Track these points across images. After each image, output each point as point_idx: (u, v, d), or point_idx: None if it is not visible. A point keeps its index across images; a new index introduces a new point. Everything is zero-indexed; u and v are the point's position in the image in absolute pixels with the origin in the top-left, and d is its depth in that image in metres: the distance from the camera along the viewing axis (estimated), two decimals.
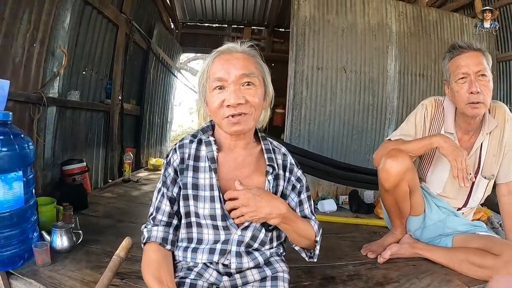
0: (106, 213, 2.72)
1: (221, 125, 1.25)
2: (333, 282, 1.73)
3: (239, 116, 1.21)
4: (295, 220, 1.28)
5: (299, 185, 1.38)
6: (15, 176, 1.60)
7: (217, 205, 1.25)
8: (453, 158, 1.69)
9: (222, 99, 1.20)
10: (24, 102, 2.51)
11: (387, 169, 1.81)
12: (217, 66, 1.23)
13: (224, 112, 1.20)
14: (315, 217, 1.39)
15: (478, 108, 1.76)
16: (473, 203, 2.01)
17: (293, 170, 1.39)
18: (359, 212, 3.26)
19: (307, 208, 1.38)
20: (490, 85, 1.78)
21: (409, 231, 2.10)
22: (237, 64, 1.22)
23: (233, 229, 1.27)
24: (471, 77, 1.76)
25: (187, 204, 1.29)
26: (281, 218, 1.23)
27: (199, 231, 1.29)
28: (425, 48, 3.98)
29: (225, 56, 1.25)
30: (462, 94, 1.79)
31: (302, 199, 1.38)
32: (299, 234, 1.31)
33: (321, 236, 1.35)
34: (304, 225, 1.32)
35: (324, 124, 3.73)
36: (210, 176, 1.27)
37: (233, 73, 1.21)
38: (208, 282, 1.29)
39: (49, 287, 1.49)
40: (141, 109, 5.29)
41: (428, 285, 1.68)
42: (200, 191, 1.28)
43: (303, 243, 1.35)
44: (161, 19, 6.10)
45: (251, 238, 1.29)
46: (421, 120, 2.00)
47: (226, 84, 1.21)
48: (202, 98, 1.29)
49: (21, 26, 2.47)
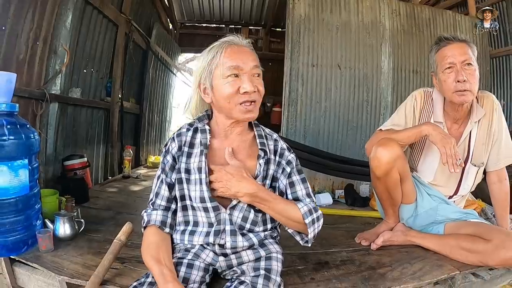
0: (106, 206, 2.77)
1: (232, 111, 1.30)
2: (327, 266, 1.76)
3: (251, 104, 1.29)
4: (269, 200, 1.31)
5: (289, 168, 1.41)
6: (21, 164, 1.66)
7: (204, 187, 1.32)
8: (441, 145, 1.74)
9: (237, 86, 1.27)
10: (27, 98, 2.57)
11: (378, 157, 1.85)
12: (231, 55, 1.29)
13: (239, 98, 1.28)
14: (312, 199, 1.41)
15: (465, 96, 1.81)
16: (463, 190, 2.05)
17: (284, 154, 1.43)
18: (355, 205, 3.29)
19: (300, 190, 1.40)
20: (476, 74, 1.83)
21: (402, 220, 2.14)
22: (250, 56, 1.32)
23: (222, 208, 1.34)
24: (457, 66, 1.82)
25: (181, 188, 1.36)
26: (250, 197, 1.28)
27: (194, 213, 1.36)
28: (419, 45, 4.05)
29: (237, 47, 1.32)
30: (449, 83, 1.84)
31: (293, 181, 1.41)
32: (281, 215, 1.34)
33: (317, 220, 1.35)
34: (284, 206, 1.33)
35: (320, 120, 3.80)
36: (199, 159, 1.34)
37: (248, 64, 1.29)
38: (205, 262, 1.37)
39: (52, 271, 1.54)
40: (141, 107, 5.34)
41: (419, 269, 1.71)
42: (191, 174, 1.35)
43: (292, 225, 1.37)
44: (160, 19, 6.15)
45: (242, 219, 1.36)
46: (410, 111, 2.04)
47: (241, 73, 1.28)
48: (207, 84, 1.33)
49: (25, 24, 2.53)
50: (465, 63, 1.81)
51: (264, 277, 1.25)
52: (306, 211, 1.32)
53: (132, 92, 5.10)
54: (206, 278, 1.35)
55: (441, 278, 1.67)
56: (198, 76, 1.35)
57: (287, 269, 1.67)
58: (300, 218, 1.32)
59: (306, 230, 1.34)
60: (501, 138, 1.98)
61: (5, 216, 1.62)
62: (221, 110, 1.35)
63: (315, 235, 1.37)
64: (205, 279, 1.34)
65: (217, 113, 1.39)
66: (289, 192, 1.40)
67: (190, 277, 1.29)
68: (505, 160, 1.99)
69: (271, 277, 1.27)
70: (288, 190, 1.40)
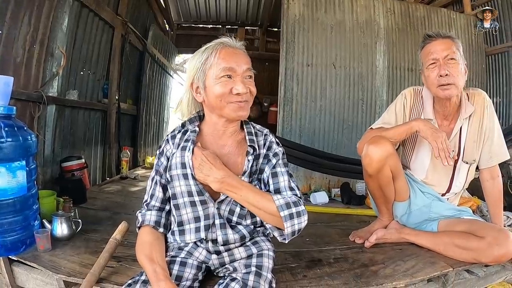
0: (104, 207, 2.79)
1: (224, 110, 1.33)
2: (320, 264, 1.78)
3: (243, 103, 1.33)
4: (239, 188, 1.28)
5: (275, 160, 1.41)
6: (18, 165, 1.69)
7: (191, 181, 1.34)
8: (433, 139, 1.77)
9: (230, 87, 1.30)
10: (25, 101, 2.59)
11: (369, 155, 1.87)
12: (225, 56, 1.32)
13: (231, 98, 1.31)
14: (296, 193, 1.35)
15: (448, 90, 1.84)
16: (456, 188, 2.06)
17: (272, 147, 1.44)
18: (351, 203, 3.29)
19: (283, 181, 1.36)
20: (460, 68, 1.85)
21: (396, 217, 2.16)
22: (244, 59, 1.35)
23: (210, 202, 1.36)
24: (440, 61, 1.85)
25: (171, 186, 1.38)
26: (218, 183, 1.28)
27: (178, 213, 1.38)
28: (413, 43, 4.06)
29: (231, 49, 1.35)
30: (432, 78, 1.88)
31: (277, 172, 1.38)
32: (254, 206, 1.29)
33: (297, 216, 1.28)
34: (256, 196, 1.29)
35: (315, 119, 3.82)
36: (181, 154, 1.36)
37: (241, 66, 1.33)
38: (198, 260, 1.40)
39: (49, 269, 1.56)
40: (138, 108, 5.36)
41: (412, 267, 1.72)
42: (172, 170, 1.36)
43: (269, 219, 1.31)
44: (156, 21, 6.16)
45: (229, 212, 1.39)
46: (401, 109, 2.07)
47: (234, 75, 1.32)
48: (199, 84, 1.35)
49: (22, 28, 2.56)
50: (447, 58, 1.84)
51: (255, 274, 1.26)
52: (282, 204, 1.27)
53: (129, 93, 5.12)
54: (199, 276, 1.38)
55: (434, 275, 1.68)
56: (191, 76, 1.37)
57: (280, 267, 1.70)
58: (275, 210, 1.26)
59: (280, 223, 1.27)
60: (492, 136, 1.99)
61: (3, 217, 1.65)
62: (213, 110, 1.37)
63: (295, 232, 1.29)
64: (198, 276, 1.37)
65: (209, 113, 1.41)
66: (271, 183, 1.37)
67: (183, 275, 1.32)
68: (497, 158, 2.01)
69: (262, 274, 1.28)
70: (270, 181, 1.38)
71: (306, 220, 1.31)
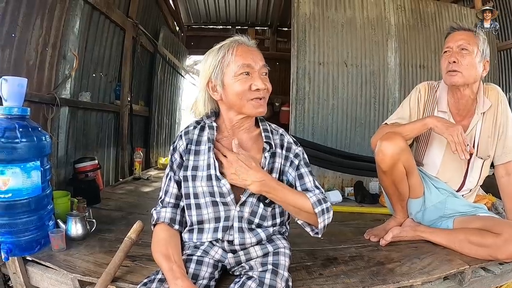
0: (117, 207, 2.80)
1: (244, 107, 1.34)
2: (336, 262, 1.77)
3: (262, 100, 1.35)
4: (278, 189, 1.31)
5: (297, 160, 1.44)
6: (33, 166, 1.70)
7: (214, 182, 1.34)
8: (448, 134, 1.75)
9: (249, 84, 1.32)
10: (38, 103, 2.62)
11: (383, 151, 1.86)
12: (242, 54, 1.34)
13: (250, 95, 1.32)
14: (321, 190, 1.40)
15: (454, 76, 1.85)
16: (469, 184, 2.03)
17: (291, 148, 1.46)
18: (364, 202, 3.27)
19: (309, 181, 1.41)
20: (471, 59, 1.84)
21: (410, 215, 2.14)
22: (259, 55, 1.38)
23: (232, 205, 1.36)
24: (453, 49, 1.87)
25: (186, 186, 1.39)
26: (258, 186, 1.28)
27: (198, 213, 1.37)
28: (425, 40, 4.02)
29: (246, 47, 1.37)
30: (444, 64, 1.91)
31: (302, 173, 1.42)
32: (291, 205, 1.33)
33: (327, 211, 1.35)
34: (293, 195, 1.34)
35: (328, 118, 3.80)
36: (208, 156, 1.37)
37: (258, 63, 1.35)
38: (214, 259, 1.39)
39: (64, 269, 1.57)
40: (150, 110, 5.39)
41: (429, 264, 1.70)
42: (199, 171, 1.37)
43: (302, 216, 1.37)
44: (167, 22, 6.20)
45: (251, 213, 1.38)
46: (415, 103, 2.06)
47: (252, 71, 1.33)
48: (217, 82, 1.35)
49: (34, 31, 2.58)
50: (460, 47, 1.85)
51: (271, 272, 1.25)
52: (315, 201, 1.33)
53: (141, 95, 5.16)
54: (215, 274, 1.37)
55: (450, 273, 1.66)
56: (207, 74, 1.37)
57: (296, 265, 1.69)
58: (310, 207, 1.32)
59: (316, 221, 1.34)
60: (506, 131, 1.96)
61: (18, 217, 1.66)
62: (231, 107, 1.38)
63: (325, 226, 1.36)
64: (214, 275, 1.36)
65: (225, 110, 1.42)
66: (298, 184, 1.41)
67: (200, 274, 1.31)
68: (511, 154, 1.97)
69: (278, 272, 1.27)
70: (297, 182, 1.42)
71: (332, 215, 1.38)
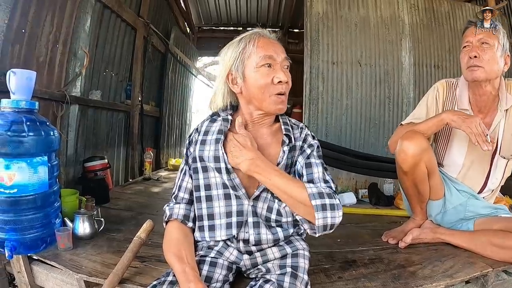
0: (127, 207, 2.76)
1: (265, 102, 1.29)
2: (355, 265, 1.71)
3: (283, 96, 1.29)
4: (269, 171, 1.21)
5: (309, 150, 1.34)
6: (40, 161, 1.65)
7: (225, 176, 1.28)
8: (466, 126, 1.67)
9: (272, 76, 1.26)
10: (48, 100, 2.59)
11: (404, 150, 1.79)
12: (264, 45, 1.28)
13: (273, 89, 1.27)
14: (330, 185, 1.26)
15: (475, 71, 1.78)
16: (491, 185, 1.96)
17: (307, 139, 1.38)
18: (379, 204, 3.19)
19: (317, 173, 1.28)
20: (494, 54, 1.77)
21: (430, 217, 2.07)
22: (281, 48, 1.32)
23: (245, 199, 1.29)
24: (473, 44, 1.80)
25: (196, 177, 1.33)
26: (248, 165, 1.21)
27: (209, 205, 1.31)
28: (439, 39, 3.95)
29: (268, 39, 1.31)
30: (464, 60, 1.84)
31: (311, 162, 1.31)
32: (284, 192, 1.21)
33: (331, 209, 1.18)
34: (288, 182, 1.21)
35: (341, 118, 3.74)
36: (215, 148, 1.30)
37: (280, 55, 1.29)
38: (229, 260, 1.32)
39: (70, 269, 1.52)
40: (161, 110, 5.38)
41: (451, 267, 1.64)
42: (207, 162, 1.31)
43: (299, 208, 1.22)
44: (178, 24, 6.20)
45: (267, 210, 1.30)
46: (433, 102, 2.00)
47: (274, 64, 1.27)
48: (237, 74, 1.30)
49: (44, 27, 2.56)
50: (480, 41, 1.78)
51: (291, 275, 1.18)
52: (314, 192, 1.18)
53: (152, 95, 5.15)
54: (229, 277, 1.29)
55: (474, 276, 1.59)
56: (227, 66, 1.32)
57: (313, 268, 1.62)
58: (306, 198, 1.17)
59: (311, 216, 1.18)
60: None
61: (23, 213, 1.61)
62: (251, 101, 1.32)
63: (327, 226, 1.18)
64: (229, 278, 1.29)
65: (245, 104, 1.36)
66: (304, 173, 1.29)
67: (213, 276, 1.24)
68: None
69: (298, 275, 1.20)
70: (304, 171, 1.30)
71: (340, 216, 1.20)
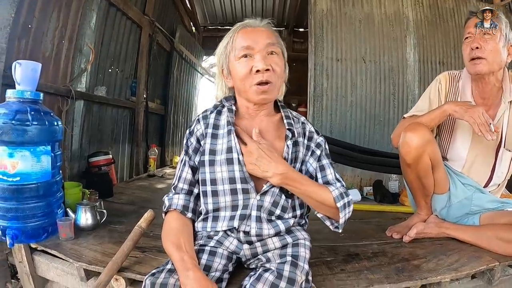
0: (130, 201, 2.77)
1: (248, 93, 1.29)
2: (357, 258, 1.69)
3: (266, 85, 1.25)
4: (300, 182, 1.26)
5: (319, 151, 1.37)
6: (43, 150, 1.66)
7: (236, 167, 1.27)
8: (469, 116, 1.65)
9: (250, 66, 1.25)
10: (53, 94, 2.61)
11: (407, 142, 1.78)
12: (243, 36, 1.28)
13: (253, 79, 1.25)
14: (342, 183, 1.34)
15: (478, 64, 1.75)
16: (497, 179, 1.94)
17: (313, 137, 1.39)
18: (384, 201, 3.16)
19: (330, 174, 1.35)
20: (495, 44, 1.74)
21: (435, 211, 2.05)
22: (264, 34, 1.29)
23: (253, 193, 1.28)
24: (475, 35, 1.77)
25: (203, 171, 1.31)
26: (280, 178, 1.23)
27: (215, 200, 1.30)
28: (444, 36, 3.91)
29: (251, 28, 1.31)
30: (466, 51, 1.81)
31: (324, 165, 1.36)
32: (312, 198, 1.28)
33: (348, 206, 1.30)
34: (315, 189, 1.28)
35: (346, 115, 3.72)
36: (228, 139, 1.30)
37: (260, 42, 1.27)
38: (228, 250, 1.31)
39: (70, 257, 1.53)
40: (166, 108, 5.39)
41: (456, 261, 1.62)
42: (217, 156, 1.30)
43: (323, 210, 1.31)
44: (183, 22, 6.21)
45: (273, 204, 1.30)
46: (435, 95, 1.98)
47: (253, 52, 1.26)
48: (225, 69, 1.34)
49: (50, 23, 2.59)
50: (482, 32, 1.75)
51: (291, 264, 1.17)
52: (337, 195, 1.27)
53: (157, 93, 5.16)
54: (229, 267, 1.29)
55: (480, 270, 1.57)
56: (219, 62, 1.36)
57: (315, 260, 1.61)
58: (332, 201, 1.26)
59: (338, 215, 1.28)
60: None
61: (25, 202, 1.62)
62: (240, 93, 1.34)
63: (345, 221, 1.30)
64: (228, 267, 1.28)
65: (238, 97, 1.38)
66: (319, 176, 1.35)
67: (212, 265, 1.23)
68: None
69: (298, 264, 1.19)
70: (319, 174, 1.35)
71: (352, 210, 1.32)
